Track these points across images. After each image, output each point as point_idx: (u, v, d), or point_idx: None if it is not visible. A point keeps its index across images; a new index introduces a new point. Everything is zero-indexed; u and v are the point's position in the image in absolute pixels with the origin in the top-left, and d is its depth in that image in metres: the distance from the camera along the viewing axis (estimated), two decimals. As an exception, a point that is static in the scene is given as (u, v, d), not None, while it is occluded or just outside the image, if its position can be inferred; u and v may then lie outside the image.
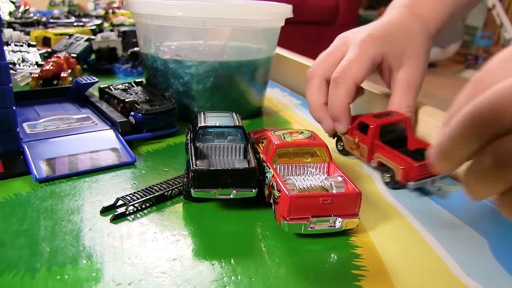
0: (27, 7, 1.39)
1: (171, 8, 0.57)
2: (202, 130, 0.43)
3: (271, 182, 0.38)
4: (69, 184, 0.44)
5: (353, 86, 0.51)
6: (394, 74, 0.55)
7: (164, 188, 0.42)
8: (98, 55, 0.93)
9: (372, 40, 0.52)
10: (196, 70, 0.60)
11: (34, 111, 0.60)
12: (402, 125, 0.50)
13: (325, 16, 3.67)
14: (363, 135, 0.50)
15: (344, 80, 0.51)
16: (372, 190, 0.46)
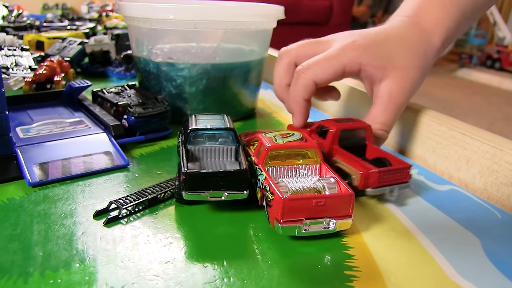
0: (20, 11, 1.38)
1: (163, 11, 0.57)
2: (193, 133, 0.43)
3: (264, 185, 0.38)
4: (62, 188, 0.44)
5: (311, 84, 0.50)
6: (376, 85, 0.52)
7: (156, 191, 0.42)
8: (91, 58, 0.93)
9: (353, 46, 0.51)
10: (189, 73, 0.60)
11: (27, 115, 0.60)
12: (363, 133, 0.49)
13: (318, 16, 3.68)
14: (322, 139, 0.48)
15: (304, 75, 0.50)
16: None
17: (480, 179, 0.48)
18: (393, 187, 0.43)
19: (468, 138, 0.49)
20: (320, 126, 0.49)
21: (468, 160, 0.49)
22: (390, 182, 0.42)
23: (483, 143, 0.48)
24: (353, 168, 0.43)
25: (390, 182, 0.42)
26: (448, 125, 0.52)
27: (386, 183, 0.42)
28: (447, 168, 0.52)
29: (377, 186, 0.42)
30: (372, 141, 0.48)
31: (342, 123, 0.48)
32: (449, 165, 0.52)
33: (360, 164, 0.43)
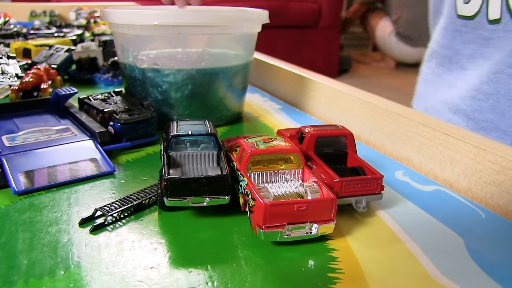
0: (7, 19, 1.38)
1: (147, 17, 0.57)
2: (175, 139, 0.44)
3: (246, 191, 0.38)
4: (48, 196, 0.44)
5: None
6: None
7: (141, 196, 0.42)
8: (78, 65, 0.93)
9: None
10: (174, 78, 0.60)
11: (13, 124, 0.60)
12: (344, 141, 0.48)
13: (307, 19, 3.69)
14: (299, 145, 0.47)
15: None
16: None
17: (464, 179, 0.49)
18: (360, 198, 0.42)
19: (452, 139, 0.50)
20: (300, 131, 0.48)
21: (452, 160, 0.50)
22: (356, 192, 0.42)
23: (466, 143, 0.48)
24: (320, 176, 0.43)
25: (357, 192, 0.42)
26: (432, 126, 0.52)
27: (351, 193, 0.41)
28: (432, 168, 0.53)
29: (340, 196, 0.41)
30: (353, 149, 0.48)
31: (319, 130, 0.47)
32: (434, 166, 0.52)
33: (326, 173, 0.42)
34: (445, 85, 0.82)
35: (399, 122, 0.57)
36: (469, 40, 0.75)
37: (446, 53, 0.81)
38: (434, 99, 0.85)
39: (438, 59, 0.83)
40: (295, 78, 0.79)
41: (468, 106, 0.76)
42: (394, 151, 0.58)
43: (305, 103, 0.76)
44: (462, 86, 0.78)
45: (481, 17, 0.71)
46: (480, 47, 0.74)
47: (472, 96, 0.75)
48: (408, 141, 0.56)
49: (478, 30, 0.72)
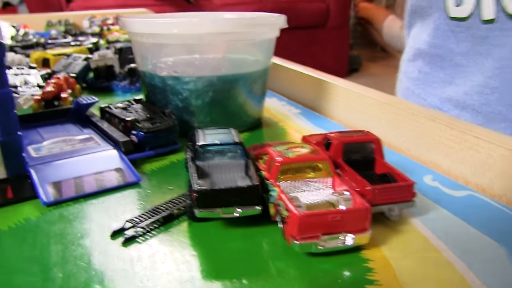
0: (27, 30, 1.40)
1: (167, 26, 0.57)
2: (202, 149, 0.43)
3: (278, 201, 0.38)
4: (76, 207, 0.44)
5: None
6: None
7: (170, 207, 0.43)
8: (96, 73, 0.93)
9: None
10: (194, 86, 0.60)
11: (37, 134, 0.60)
12: (371, 147, 0.47)
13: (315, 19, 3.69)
14: (327, 152, 0.47)
15: None
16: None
17: (498, 183, 0.48)
18: (393, 206, 0.41)
19: (482, 142, 0.49)
20: (326, 138, 0.48)
21: (483, 164, 0.49)
22: (389, 200, 0.41)
23: (499, 146, 0.47)
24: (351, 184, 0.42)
25: (389, 200, 0.41)
26: (461, 129, 0.52)
27: (384, 201, 0.41)
28: (462, 172, 0.52)
29: (373, 204, 0.40)
30: (381, 155, 0.47)
31: (347, 136, 0.47)
32: (464, 170, 0.51)
33: (357, 180, 0.42)
34: (439, 82, 0.84)
35: (425, 126, 0.56)
36: (463, 39, 0.77)
37: (437, 52, 0.83)
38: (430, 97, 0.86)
39: (426, 58, 0.85)
40: (313, 82, 0.79)
41: (476, 101, 0.77)
42: (421, 155, 0.57)
43: (325, 107, 0.76)
44: (465, 83, 0.79)
45: (474, 18, 0.74)
46: (475, 45, 0.76)
47: (478, 91, 0.77)
48: (435, 145, 0.55)
49: (472, 29, 0.75)
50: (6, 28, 1.37)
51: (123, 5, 2.90)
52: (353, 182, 0.42)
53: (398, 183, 0.42)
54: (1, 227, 0.41)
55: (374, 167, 0.47)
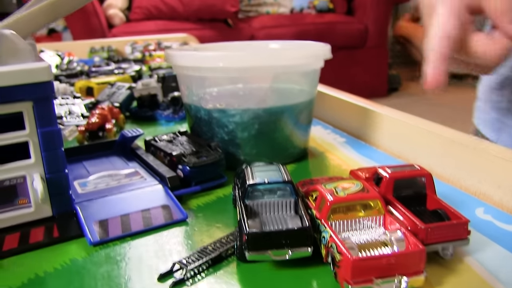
0: (71, 58, 1.42)
1: (213, 60, 0.57)
2: (251, 188, 0.43)
3: (330, 243, 0.37)
4: (123, 247, 0.44)
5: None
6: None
7: (218, 247, 0.42)
8: (139, 102, 0.94)
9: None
10: (240, 118, 0.60)
11: (83, 167, 0.61)
12: (422, 181, 0.46)
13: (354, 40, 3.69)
14: (377, 188, 0.45)
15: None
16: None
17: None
18: (447, 245, 0.40)
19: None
20: (377, 174, 0.47)
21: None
22: (442, 239, 0.39)
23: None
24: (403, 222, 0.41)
25: (443, 239, 0.39)
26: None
27: (437, 240, 0.39)
28: (514, 205, 0.50)
29: (426, 243, 0.39)
30: (433, 190, 0.46)
31: (397, 172, 0.45)
32: (516, 202, 0.50)
33: (409, 219, 0.40)
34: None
35: (475, 156, 0.54)
36: None
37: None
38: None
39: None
40: (358, 110, 0.78)
41: None
42: (471, 186, 0.55)
43: (370, 135, 0.74)
44: None
45: None
46: None
47: None
48: (486, 176, 0.53)
49: None
50: (52, 57, 1.40)
51: (164, 29, 2.95)
52: (405, 220, 0.41)
53: (451, 222, 0.41)
54: (47, 269, 0.41)
55: (426, 203, 0.46)
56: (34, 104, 0.43)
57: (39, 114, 0.43)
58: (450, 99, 3.65)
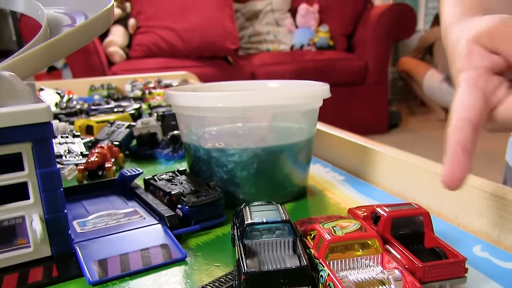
0: (71, 96, 1.44)
1: (212, 100, 0.58)
2: (250, 227, 0.43)
3: (328, 282, 0.37)
4: (122, 286, 0.44)
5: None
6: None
7: (217, 286, 0.42)
8: (139, 141, 0.94)
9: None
10: (240, 158, 0.60)
11: (82, 207, 0.61)
12: (420, 220, 0.46)
13: (354, 76, 3.73)
14: (374, 227, 0.46)
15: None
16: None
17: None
18: (444, 283, 0.40)
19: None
20: (374, 212, 0.47)
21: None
22: (440, 277, 0.40)
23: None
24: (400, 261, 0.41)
25: (440, 277, 0.40)
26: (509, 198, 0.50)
27: (434, 278, 0.39)
28: (512, 243, 0.50)
29: (424, 281, 0.39)
30: (430, 228, 0.46)
31: (395, 211, 0.46)
32: (514, 240, 0.50)
33: (406, 257, 0.41)
34: None
35: (473, 195, 0.55)
36: None
37: None
38: None
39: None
40: (357, 148, 0.79)
41: None
42: (469, 224, 0.56)
43: (370, 174, 0.75)
44: None
45: None
46: None
47: None
48: (483, 214, 0.54)
49: None
50: (51, 95, 1.42)
51: (164, 67, 2.98)
52: (403, 258, 0.41)
53: (449, 260, 0.41)
54: (47, 310, 0.41)
55: (424, 241, 0.46)
56: (33, 145, 0.43)
57: (38, 155, 0.44)
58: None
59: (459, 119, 0.42)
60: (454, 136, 0.42)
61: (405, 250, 0.42)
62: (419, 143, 3.40)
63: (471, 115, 0.42)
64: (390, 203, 0.48)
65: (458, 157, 0.41)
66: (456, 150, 0.41)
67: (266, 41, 3.92)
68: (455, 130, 0.42)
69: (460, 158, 0.41)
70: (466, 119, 0.42)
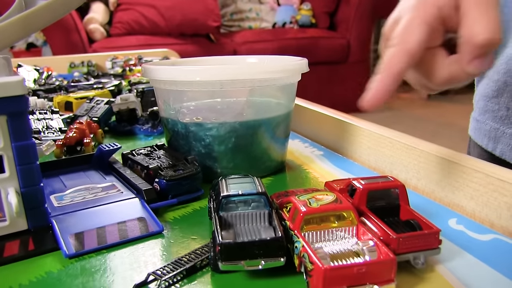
0: (50, 73, 1.42)
1: (189, 74, 0.57)
2: (225, 199, 0.43)
3: (302, 253, 0.37)
4: (99, 259, 0.44)
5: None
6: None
7: (193, 258, 0.42)
8: (118, 117, 0.94)
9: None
10: (217, 132, 0.60)
11: (60, 181, 0.61)
12: (396, 193, 0.46)
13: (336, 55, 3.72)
14: (350, 199, 0.46)
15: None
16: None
17: (525, 227, 0.47)
18: (418, 254, 0.40)
19: (508, 185, 0.48)
20: (350, 185, 0.47)
21: (509, 206, 0.48)
22: (414, 248, 0.40)
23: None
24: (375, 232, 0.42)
25: (414, 248, 0.40)
26: (485, 172, 0.51)
27: (408, 249, 0.40)
28: (487, 215, 0.51)
29: (398, 252, 0.39)
30: (406, 201, 0.46)
31: (371, 183, 0.46)
32: (489, 213, 0.51)
33: (381, 229, 0.41)
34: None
35: (449, 168, 0.55)
36: None
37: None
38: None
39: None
40: (336, 123, 0.79)
41: None
42: (445, 197, 0.56)
43: (348, 149, 0.75)
44: None
45: None
46: None
47: None
48: (459, 188, 0.54)
49: None
50: (30, 71, 1.40)
51: (145, 45, 2.95)
52: (378, 230, 0.41)
53: (423, 231, 0.41)
54: (22, 281, 0.41)
55: (399, 214, 0.46)
56: (8, 118, 0.43)
57: (13, 128, 0.43)
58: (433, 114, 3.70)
59: (400, 48, 0.46)
60: (389, 64, 0.46)
61: (380, 222, 0.42)
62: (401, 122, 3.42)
63: (413, 47, 0.46)
64: (366, 176, 0.49)
65: (386, 86, 0.46)
66: (387, 79, 0.46)
67: (248, 19, 3.90)
68: (392, 58, 0.46)
69: (387, 88, 0.46)
70: (407, 50, 0.46)
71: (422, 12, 0.46)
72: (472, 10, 0.43)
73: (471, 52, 0.44)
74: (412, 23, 0.46)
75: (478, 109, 0.79)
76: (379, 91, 0.47)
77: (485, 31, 0.42)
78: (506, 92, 0.71)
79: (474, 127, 0.81)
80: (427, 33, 0.46)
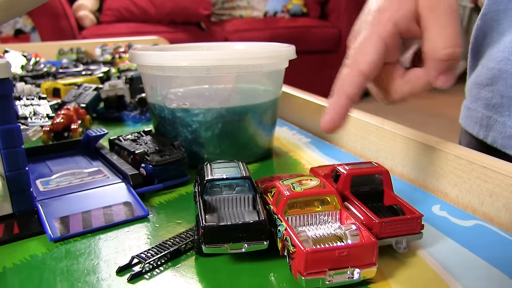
0: (38, 59, 1.41)
1: (176, 59, 0.58)
2: (209, 183, 0.43)
3: (285, 236, 0.37)
4: (84, 242, 0.44)
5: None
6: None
7: (177, 242, 0.42)
8: (106, 103, 0.93)
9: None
10: (204, 118, 0.60)
11: (46, 167, 0.61)
12: (380, 178, 0.47)
13: (328, 44, 3.71)
14: (335, 184, 0.47)
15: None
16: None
17: (505, 213, 0.47)
18: (400, 239, 0.41)
19: (490, 172, 0.49)
20: (335, 170, 0.48)
21: (491, 193, 0.49)
22: (396, 233, 0.41)
23: (506, 176, 0.47)
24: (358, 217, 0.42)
25: (396, 233, 0.41)
26: (468, 159, 0.51)
27: (391, 233, 0.40)
28: (470, 202, 0.51)
29: (380, 237, 0.40)
30: (389, 186, 0.47)
31: (355, 168, 0.46)
32: (472, 199, 0.51)
33: (364, 213, 0.41)
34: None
35: (434, 155, 0.56)
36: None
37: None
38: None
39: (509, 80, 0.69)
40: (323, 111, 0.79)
41: None
42: (429, 184, 0.57)
43: (335, 136, 0.76)
44: None
45: None
46: None
47: None
48: (443, 174, 0.55)
49: None
50: (17, 57, 1.39)
51: (135, 32, 2.93)
52: (361, 215, 0.42)
53: (405, 216, 0.42)
54: (6, 264, 0.41)
55: (383, 199, 0.47)
56: (-8, 102, 0.43)
57: (-3, 112, 0.43)
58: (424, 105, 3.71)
59: (353, 69, 0.47)
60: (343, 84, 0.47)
61: (363, 206, 0.42)
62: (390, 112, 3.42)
63: (365, 68, 0.47)
64: (351, 162, 0.49)
65: (341, 108, 0.47)
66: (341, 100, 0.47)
67: (239, 7, 3.88)
68: (346, 79, 0.47)
69: (343, 110, 0.47)
70: (360, 70, 0.47)
71: (378, 28, 0.47)
72: (431, 25, 0.45)
73: (436, 68, 0.45)
74: (367, 41, 0.48)
75: (470, 97, 0.78)
76: (336, 114, 0.48)
77: (445, 46, 0.44)
78: (501, 79, 0.70)
79: (465, 115, 0.81)
80: (381, 52, 0.47)
